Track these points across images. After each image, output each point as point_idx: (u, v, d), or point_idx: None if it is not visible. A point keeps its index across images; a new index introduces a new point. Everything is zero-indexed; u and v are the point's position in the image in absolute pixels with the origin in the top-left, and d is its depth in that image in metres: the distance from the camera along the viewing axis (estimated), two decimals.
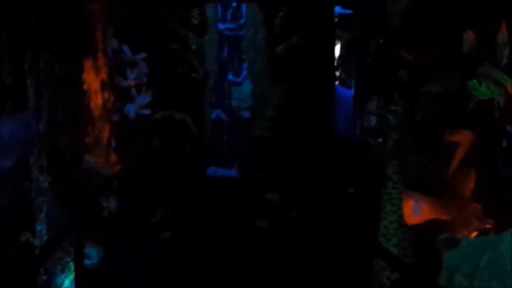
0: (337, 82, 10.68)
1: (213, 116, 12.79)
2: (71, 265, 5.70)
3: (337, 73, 10.74)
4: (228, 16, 12.79)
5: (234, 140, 12.67)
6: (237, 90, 12.90)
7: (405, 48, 6.44)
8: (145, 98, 7.85)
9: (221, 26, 12.87)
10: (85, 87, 7.02)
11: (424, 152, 5.49)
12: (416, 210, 5.28)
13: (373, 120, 9.50)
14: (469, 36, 4.86)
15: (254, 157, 10.60)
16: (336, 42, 10.54)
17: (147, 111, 7.97)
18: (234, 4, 12.66)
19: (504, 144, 4.55)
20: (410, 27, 6.16)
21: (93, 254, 6.51)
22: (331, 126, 9.99)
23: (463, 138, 5.20)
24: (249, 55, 12.87)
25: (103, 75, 7.40)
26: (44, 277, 5.57)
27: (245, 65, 12.94)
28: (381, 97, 8.16)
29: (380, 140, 6.79)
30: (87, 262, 5.97)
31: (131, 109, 7.85)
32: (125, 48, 7.89)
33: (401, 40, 6.53)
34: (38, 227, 5.52)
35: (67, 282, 5.81)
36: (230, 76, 13.00)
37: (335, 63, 10.58)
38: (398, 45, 6.56)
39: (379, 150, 6.70)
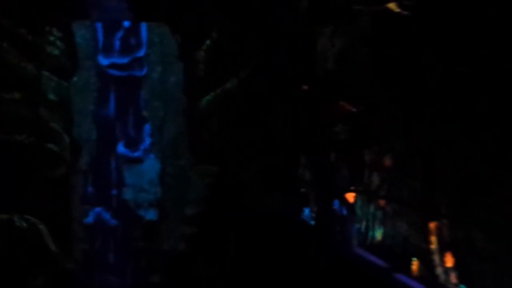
0: None
1: (89, 220, 10.06)
2: None
3: None
4: (116, 43, 10.19)
5: (128, 262, 10.46)
6: (134, 172, 10.32)
7: (343, 97, 7.13)
8: None
9: (103, 61, 10.18)
10: None
11: None
12: None
13: None
14: None
15: None
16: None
17: None
18: (126, 24, 10.15)
19: None
20: (350, 71, 6.82)
21: None
22: (291, 235, 8.86)
23: None
24: (155, 112, 10.47)
25: None
26: None
27: (147, 128, 10.40)
28: (307, 158, 8.55)
29: None
30: None
31: None
32: None
33: (337, 87, 7.19)
34: None
35: None
36: (120, 149, 10.30)
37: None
38: (333, 92, 7.22)
39: None
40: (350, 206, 8.97)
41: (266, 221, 9.04)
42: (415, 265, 7.32)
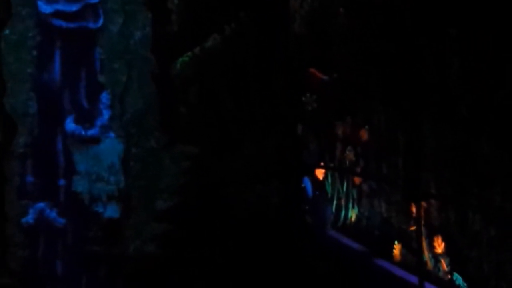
0: None
1: (29, 219, 8.90)
2: None
3: None
4: None
5: (82, 272, 9.09)
6: (88, 156, 9.21)
7: (313, 63, 7.34)
8: None
9: (44, 8, 9.02)
10: None
11: None
12: None
13: None
14: None
15: None
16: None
17: None
18: None
19: None
20: (321, 34, 7.04)
21: None
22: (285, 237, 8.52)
23: None
24: (115, 76, 9.30)
25: None
26: None
27: (105, 98, 9.42)
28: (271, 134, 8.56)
29: None
30: None
31: None
32: None
33: (307, 53, 7.42)
34: None
35: None
36: (69, 125, 9.24)
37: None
38: (303, 59, 7.43)
39: None
40: (320, 184, 8.89)
41: (255, 215, 8.43)
42: (397, 249, 7.33)
